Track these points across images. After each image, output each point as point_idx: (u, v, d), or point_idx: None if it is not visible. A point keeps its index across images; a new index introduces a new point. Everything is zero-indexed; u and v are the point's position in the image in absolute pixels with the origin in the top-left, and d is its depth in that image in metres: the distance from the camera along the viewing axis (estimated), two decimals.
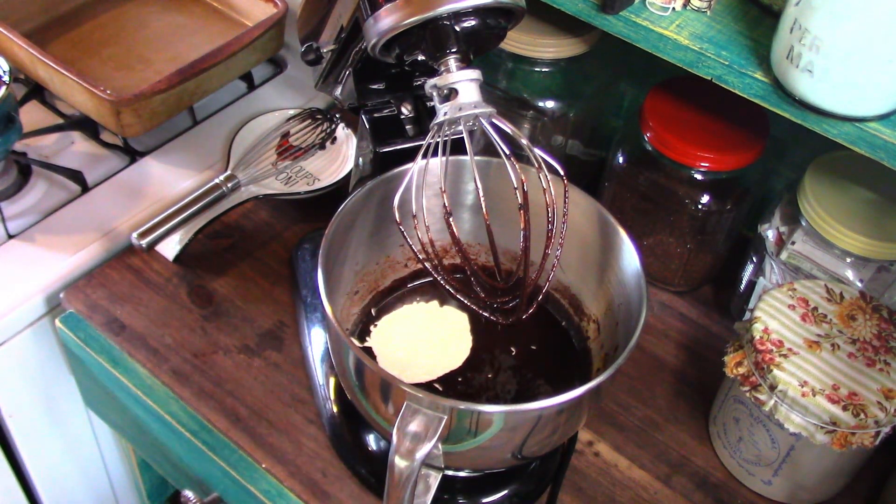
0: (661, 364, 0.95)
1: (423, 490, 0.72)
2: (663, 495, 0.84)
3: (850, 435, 0.74)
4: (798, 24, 0.61)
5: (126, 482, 1.27)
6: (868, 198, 0.84)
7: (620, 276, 0.76)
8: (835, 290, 0.82)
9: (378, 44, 0.66)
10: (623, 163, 0.96)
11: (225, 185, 0.99)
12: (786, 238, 0.87)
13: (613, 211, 0.77)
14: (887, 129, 0.63)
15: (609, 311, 0.80)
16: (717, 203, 0.92)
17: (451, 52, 0.64)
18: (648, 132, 0.91)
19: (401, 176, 0.72)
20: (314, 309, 0.92)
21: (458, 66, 0.64)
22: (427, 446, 0.63)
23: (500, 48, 0.88)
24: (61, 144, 1.09)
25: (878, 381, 0.75)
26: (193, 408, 0.87)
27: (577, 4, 0.73)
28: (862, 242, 0.81)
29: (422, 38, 0.64)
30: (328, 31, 0.80)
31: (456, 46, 0.64)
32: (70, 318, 0.95)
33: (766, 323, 0.79)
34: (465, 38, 0.64)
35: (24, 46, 1.01)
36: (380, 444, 0.84)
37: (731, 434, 0.84)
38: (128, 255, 0.99)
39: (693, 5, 0.71)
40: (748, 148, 0.89)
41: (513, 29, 0.69)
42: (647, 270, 0.74)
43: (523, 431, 0.68)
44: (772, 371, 0.75)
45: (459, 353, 0.81)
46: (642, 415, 0.90)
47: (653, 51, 0.71)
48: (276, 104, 1.16)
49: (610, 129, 1.09)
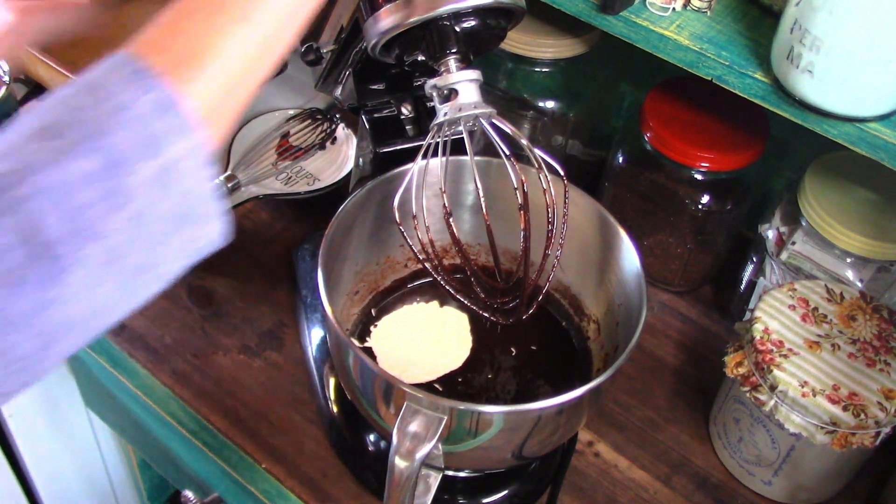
0: (661, 364, 0.95)
1: (424, 490, 0.72)
2: (663, 495, 0.84)
3: (851, 435, 0.74)
4: (798, 25, 0.61)
5: (126, 482, 1.27)
6: (868, 198, 0.84)
7: (620, 276, 0.76)
8: (835, 291, 0.82)
9: (378, 44, 0.66)
10: (623, 163, 0.96)
11: (225, 185, 0.99)
12: (786, 238, 0.87)
13: (613, 211, 0.77)
14: (888, 130, 0.63)
15: (609, 311, 0.80)
16: (717, 203, 0.92)
17: (451, 52, 0.64)
18: (648, 132, 0.91)
19: (401, 176, 0.72)
20: (314, 309, 0.92)
21: (458, 67, 0.64)
22: (427, 447, 0.63)
23: (501, 48, 0.88)
24: None
25: (878, 382, 0.75)
26: (193, 408, 0.87)
27: (577, 4, 0.73)
28: (862, 242, 0.81)
29: (422, 38, 0.64)
30: (328, 31, 0.79)
31: (456, 47, 0.64)
32: None
33: (767, 323, 0.79)
34: (465, 39, 0.64)
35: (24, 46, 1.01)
36: (380, 444, 0.84)
37: (731, 434, 0.84)
38: None
39: (693, 5, 0.71)
40: (748, 148, 0.89)
41: (513, 29, 0.69)
42: (647, 270, 0.74)
43: (523, 432, 0.68)
44: (772, 371, 0.75)
45: (459, 354, 0.81)
46: (642, 415, 0.90)
47: (653, 51, 0.71)
48: (276, 104, 1.15)
49: (610, 129, 1.09)
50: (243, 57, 0.48)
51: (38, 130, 0.42)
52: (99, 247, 0.42)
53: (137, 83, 0.44)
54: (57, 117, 0.43)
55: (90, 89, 0.44)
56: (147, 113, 0.43)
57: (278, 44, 0.50)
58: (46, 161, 0.41)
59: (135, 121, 0.43)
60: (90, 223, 0.41)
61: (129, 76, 0.44)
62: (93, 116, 0.43)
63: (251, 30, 0.48)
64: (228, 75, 0.47)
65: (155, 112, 0.44)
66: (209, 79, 0.46)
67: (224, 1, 0.48)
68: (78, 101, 0.43)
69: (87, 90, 0.44)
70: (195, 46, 0.46)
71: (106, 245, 0.42)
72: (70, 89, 0.44)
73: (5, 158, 0.41)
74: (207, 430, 0.87)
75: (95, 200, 0.41)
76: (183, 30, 0.47)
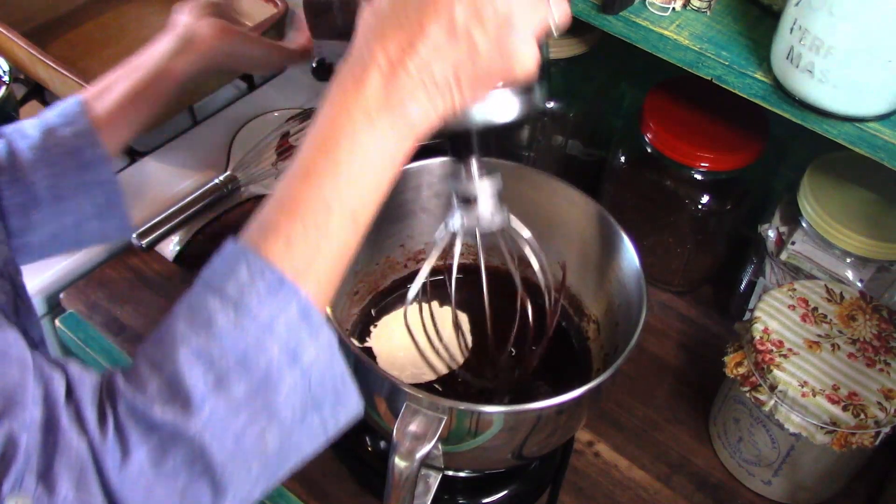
0: (661, 364, 0.95)
1: (423, 490, 0.72)
2: (663, 495, 0.84)
3: (850, 435, 0.74)
4: (798, 25, 0.61)
5: None
6: (868, 198, 0.84)
7: (620, 276, 0.76)
8: (835, 291, 0.82)
9: None
10: (623, 163, 0.96)
11: (225, 185, 0.99)
12: (786, 238, 0.87)
13: (613, 211, 0.77)
14: (887, 130, 0.63)
15: (609, 312, 0.80)
16: (717, 203, 0.92)
17: (474, 154, 0.63)
18: (648, 132, 0.91)
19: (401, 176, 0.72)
20: None
21: (480, 173, 0.63)
22: (427, 447, 0.63)
23: None
24: None
25: (878, 382, 0.75)
26: None
27: (576, 4, 0.73)
28: (862, 242, 0.81)
29: (448, 136, 0.63)
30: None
31: (479, 150, 0.63)
32: (70, 319, 0.95)
33: (766, 323, 0.79)
34: (487, 138, 0.64)
35: (24, 46, 1.01)
36: (379, 444, 0.84)
37: (731, 434, 0.84)
38: (128, 255, 0.99)
39: (693, 5, 0.71)
40: (748, 148, 0.89)
41: None
42: (647, 270, 0.74)
43: (523, 432, 0.68)
44: (772, 371, 0.75)
45: (459, 354, 0.81)
46: (642, 415, 0.90)
47: (653, 51, 0.71)
48: (276, 104, 1.15)
49: (610, 129, 1.09)
50: (344, 248, 0.51)
51: (201, 365, 0.46)
52: (255, 462, 0.47)
53: (278, 296, 0.47)
54: (213, 350, 0.46)
55: (235, 306, 0.47)
56: (288, 327, 0.47)
57: (366, 218, 0.52)
58: (208, 392, 0.45)
59: (279, 337, 0.47)
60: (246, 448, 0.46)
61: (269, 289, 0.47)
62: (244, 342, 0.46)
63: (354, 227, 0.51)
64: (335, 270, 0.51)
65: (296, 324, 0.48)
66: (323, 279, 0.50)
67: (324, 199, 0.50)
68: (227, 320, 0.47)
69: (233, 306, 0.47)
70: (311, 253, 0.49)
71: (260, 461, 0.48)
72: (213, 300, 0.47)
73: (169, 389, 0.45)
74: None
75: (247, 425, 0.46)
76: (297, 235, 0.49)
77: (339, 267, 0.51)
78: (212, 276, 0.49)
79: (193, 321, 0.47)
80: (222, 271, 0.48)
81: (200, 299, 0.48)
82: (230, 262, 0.49)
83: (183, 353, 0.46)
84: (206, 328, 0.46)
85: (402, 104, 0.50)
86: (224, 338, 0.46)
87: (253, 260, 0.48)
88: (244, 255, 0.48)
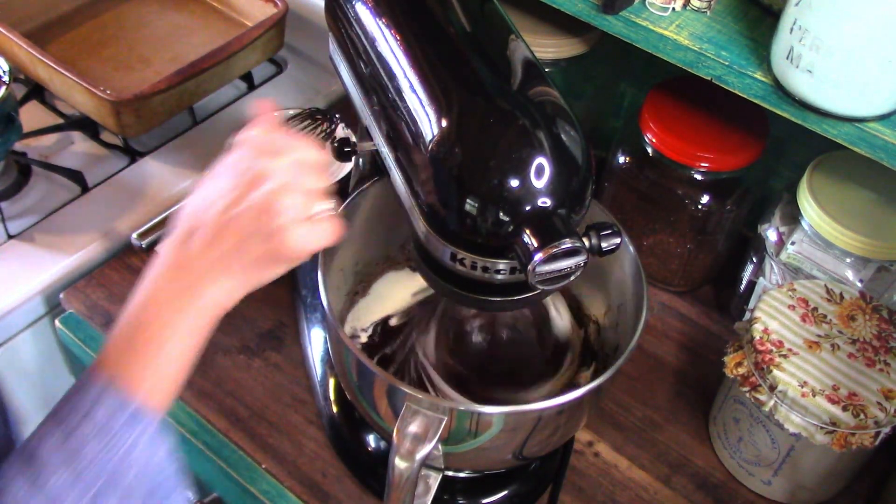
0: (661, 364, 0.95)
1: (424, 491, 0.72)
2: (663, 495, 0.84)
3: (850, 435, 0.74)
4: (798, 25, 0.61)
5: None
6: (868, 198, 0.84)
7: (620, 276, 0.76)
8: (835, 291, 0.82)
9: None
10: (623, 163, 0.96)
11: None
12: (786, 238, 0.87)
13: (613, 211, 0.77)
14: (887, 130, 0.63)
15: (609, 312, 0.80)
16: (717, 203, 0.92)
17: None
18: (648, 132, 0.91)
19: None
20: (314, 309, 0.92)
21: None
22: (427, 447, 0.63)
23: None
24: (61, 144, 1.09)
25: (878, 382, 0.75)
26: (193, 408, 0.87)
27: (576, 4, 0.73)
28: (862, 242, 0.81)
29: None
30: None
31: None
32: (70, 319, 0.95)
33: (766, 323, 0.79)
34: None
35: (24, 46, 1.01)
36: (380, 444, 0.84)
37: (731, 434, 0.84)
38: (128, 256, 0.99)
39: (693, 5, 0.71)
40: (748, 148, 0.89)
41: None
42: (647, 270, 0.74)
43: (523, 432, 0.68)
44: (772, 371, 0.75)
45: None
46: (642, 415, 0.90)
47: (653, 51, 0.71)
48: (276, 104, 1.15)
49: (610, 129, 1.09)
50: (188, 353, 0.60)
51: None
52: None
53: (133, 424, 0.54)
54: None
55: (99, 434, 0.54)
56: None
57: (210, 329, 0.60)
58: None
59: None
60: None
61: (129, 420, 0.54)
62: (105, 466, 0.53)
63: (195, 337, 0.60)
64: (178, 379, 0.60)
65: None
66: (166, 388, 0.58)
67: (173, 320, 0.58)
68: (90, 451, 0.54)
69: (96, 435, 0.54)
70: (162, 372, 0.58)
71: None
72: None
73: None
74: (207, 431, 0.87)
75: None
76: (145, 353, 0.57)
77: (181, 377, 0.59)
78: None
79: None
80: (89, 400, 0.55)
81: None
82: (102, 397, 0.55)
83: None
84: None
85: (199, 289, 0.58)
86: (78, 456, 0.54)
87: (112, 393, 0.55)
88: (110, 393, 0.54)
